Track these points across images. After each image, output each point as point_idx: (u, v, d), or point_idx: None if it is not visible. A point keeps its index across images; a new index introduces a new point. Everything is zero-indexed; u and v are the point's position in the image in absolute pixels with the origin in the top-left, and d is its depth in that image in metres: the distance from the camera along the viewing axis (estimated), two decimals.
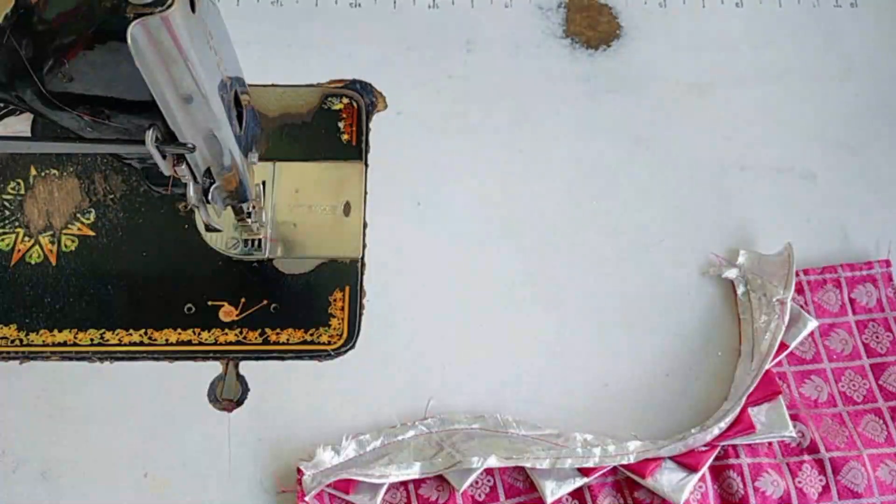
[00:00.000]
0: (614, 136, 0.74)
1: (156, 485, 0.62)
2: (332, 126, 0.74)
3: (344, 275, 0.68)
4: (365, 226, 0.70)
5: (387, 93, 0.75)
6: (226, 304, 0.67)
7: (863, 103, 0.75)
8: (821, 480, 0.61)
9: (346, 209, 0.71)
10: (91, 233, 0.69)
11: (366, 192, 0.71)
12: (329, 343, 0.66)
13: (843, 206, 0.72)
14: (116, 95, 0.49)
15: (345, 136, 0.73)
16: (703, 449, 0.61)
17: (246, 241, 0.68)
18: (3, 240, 0.69)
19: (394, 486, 0.61)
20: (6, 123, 0.71)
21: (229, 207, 0.63)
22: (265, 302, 0.67)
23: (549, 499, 0.60)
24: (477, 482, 0.61)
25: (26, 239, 0.69)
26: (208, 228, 0.62)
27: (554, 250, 0.70)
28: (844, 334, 0.67)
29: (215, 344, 0.66)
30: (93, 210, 0.70)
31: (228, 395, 0.65)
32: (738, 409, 0.62)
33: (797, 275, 0.67)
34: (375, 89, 0.75)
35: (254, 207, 0.64)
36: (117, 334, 0.66)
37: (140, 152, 0.50)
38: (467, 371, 0.66)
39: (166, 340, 0.66)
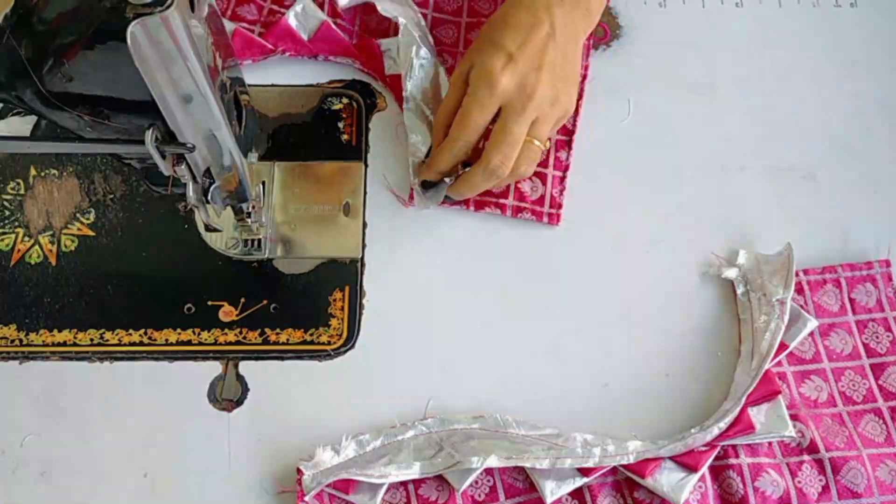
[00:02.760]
0: (614, 135, 0.74)
1: (156, 485, 0.62)
2: (332, 126, 0.73)
3: (344, 275, 0.68)
4: (365, 226, 0.70)
5: (386, 93, 0.75)
6: (225, 304, 0.67)
7: (863, 103, 0.75)
8: (820, 480, 0.61)
9: (346, 209, 0.71)
10: (91, 233, 0.69)
11: (366, 192, 0.71)
12: (329, 343, 0.66)
13: (843, 206, 0.72)
14: (116, 95, 0.49)
15: (345, 136, 0.73)
16: (703, 449, 0.61)
17: (246, 241, 0.68)
18: (2, 240, 0.69)
19: (393, 486, 0.61)
20: (8, 122, 0.71)
21: (229, 207, 0.63)
22: (265, 302, 0.67)
23: (549, 499, 0.60)
24: (476, 482, 0.61)
25: (26, 239, 0.69)
26: (208, 228, 0.62)
27: (553, 250, 0.70)
28: (844, 334, 0.67)
29: (215, 344, 0.66)
30: (93, 210, 0.70)
31: (228, 395, 0.65)
32: (737, 409, 0.62)
33: (797, 275, 0.67)
34: (375, 89, 0.75)
35: (254, 207, 0.64)
36: (117, 334, 0.66)
37: (140, 152, 0.50)
38: (467, 371, 0.66)
39: (166, 340, 0.66)
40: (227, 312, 0.67)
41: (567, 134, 0.72)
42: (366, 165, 0.72)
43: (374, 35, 0.74)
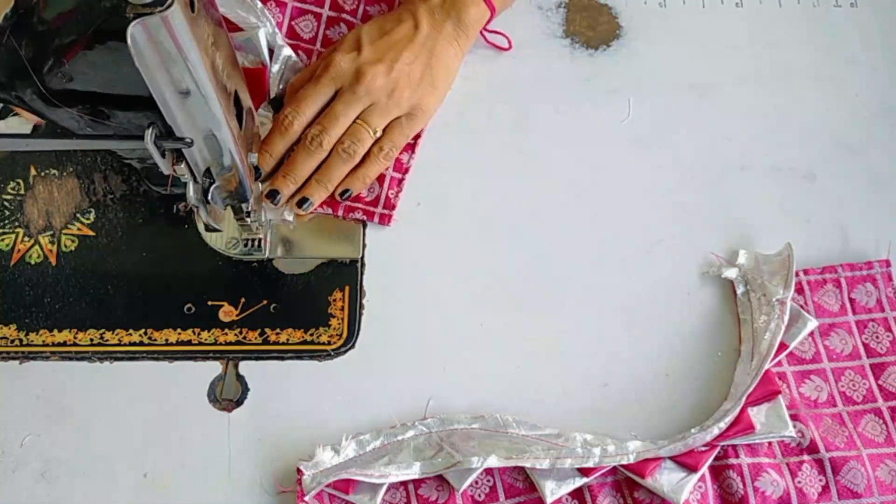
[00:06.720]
0: (614, 135, 0.74)
1: (156, 485, 0.62)
2: None
3: (344, 275, 0.68)
4: (365, 226, 0.70)
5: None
6: (225, 304, 0.67)
7: (863, 103, 0.75)
8: (820, 480, 0.61)
9: None
10: (91, 233, 0.69)
11: None
12: (329, 343, 0.66)
13: (843, 206, 0.72)
14: (116, 95, 0.49)
15: None
16: (703, 449, 0.61)
17: (246, 241, 0.68)
18: (2, 240, 0.69)
19: (393, 486, 0.61)
20: (7, 122, 0.71)
21: (229, 207, 0.63)
22: (265, 302, 0.67)
23: (549, 499, 0.60)
24: (476, 482, 0.61)
25: (26, 239, 0.69)
26: (208, 228, 0.62)
27: (553, 250, 0.70)
28: (844, 334, 0.67)
29: (215, 344, 0.66)
30: (93, 210, 0.70)
31: (228, 395, 0.65)
32: (737, 409, 0.62)
33: (797, 275, 0.67)
34: None
35: (254, 207, 0.64)
36: (117, 334, 0.66)
37: (140, 151, 0.50)
38: (467, 371, 0.66)
39: (166, 340, 0.66)
40: (227, 312, 0.67)
41: (413, 137, 0.72)
42: None
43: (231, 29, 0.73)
